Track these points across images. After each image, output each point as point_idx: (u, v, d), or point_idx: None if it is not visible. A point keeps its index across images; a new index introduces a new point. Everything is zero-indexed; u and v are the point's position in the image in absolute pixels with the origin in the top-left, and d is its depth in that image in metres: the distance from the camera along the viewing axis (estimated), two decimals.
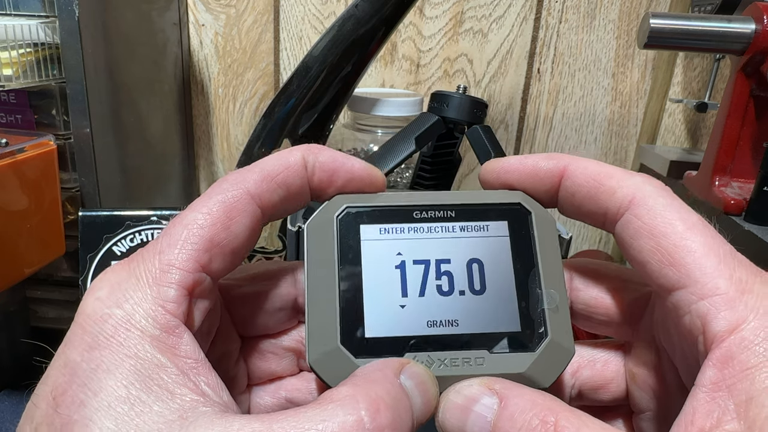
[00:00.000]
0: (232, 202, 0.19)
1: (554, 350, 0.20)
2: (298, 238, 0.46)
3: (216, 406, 0.16)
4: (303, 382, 0.24)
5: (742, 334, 0.16)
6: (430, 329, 0.20)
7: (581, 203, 0.21)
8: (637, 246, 0.19)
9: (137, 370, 0.16)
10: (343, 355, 0.19)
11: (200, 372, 0.17)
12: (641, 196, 0.19)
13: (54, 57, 0.48)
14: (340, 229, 0.21)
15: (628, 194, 0.19)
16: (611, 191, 0.20)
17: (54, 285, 0.55)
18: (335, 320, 0.20)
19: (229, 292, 0.22)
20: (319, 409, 0.16)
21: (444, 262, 0.21)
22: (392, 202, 0.22)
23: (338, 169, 0.21)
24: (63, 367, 0.16)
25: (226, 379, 0.22)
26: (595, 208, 0.20)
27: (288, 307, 0.23)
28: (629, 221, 0.19)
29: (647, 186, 0.19)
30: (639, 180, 0.20)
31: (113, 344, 0.16)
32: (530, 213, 0.22)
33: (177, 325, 0.17)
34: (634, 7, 0.65)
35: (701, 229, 0.18)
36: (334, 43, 0.49)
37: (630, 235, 0.19)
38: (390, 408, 0.16)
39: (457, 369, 0.20)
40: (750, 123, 0.50)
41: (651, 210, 0.19)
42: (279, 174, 0.20)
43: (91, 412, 0.15)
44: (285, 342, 0.24)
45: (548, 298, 0.21)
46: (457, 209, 0.22)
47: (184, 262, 0.18)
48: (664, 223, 0.19)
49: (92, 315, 0.17)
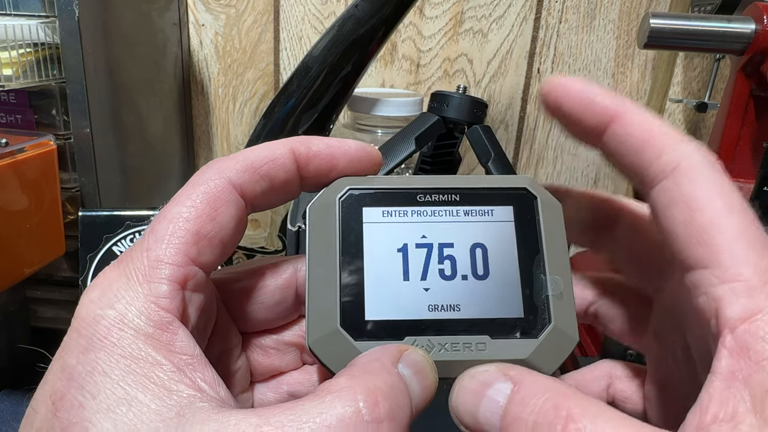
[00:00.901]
0: (215, 192, 0.19)
1: (557, 337, 0.20)
2: (298, 238, 0.46)
3: (213, 402, 0.16)
4: (305, 375, 0.24)
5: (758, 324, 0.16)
6: (432, 313, 0.20)
7: (625, 153, 0.20)
8: (670, 215, 0.18)
9: (132, 370, 0.16)
10: (342, 338, 0.19)
11: (196, 368, 0.17)
12: (686, 165, 0.18)
13: (54, 57, 0.48)
14: (343, 211, 0.21)
15: (673, 160, 0.18)
16: (658, 153, 0.19)
17: (54, 285, 0.55)
18: (335, 303, 0.20)
19: (227, 287, 0.22)
20: (316, 401, 0.15)
21: (447, 246, 0.21)
22: (396, 185, 0.21)
23: (335, 153, 0.21)
24: (60, 371, 0.16)
25: (227, 376, 0.22)
26: (636, 164, 0.19)
27: (289, 300, 0.23)
28: (668, 188, 0.18)
29: (695, 155, 0.18)
30: (689, 148, 0.19)
31: (107, 345, 0.16)
32: (536, 198, 0.21)
33: (171, 321, 0.17)
34: (634, 7, 0.65)
35: (739, 211, 0.18)
36: (334, 43, 0.49)
37: (666, 202, 0.19)
38: (388, 398, 0.16)
39: (458, 354, 0.19)
40: (750, 123, 0.50)
41: (693, 181, 0.18)
42: (263, 166, 0.20)
43: (90, 415, 0.15)
44: (287, 337, 0.23)
45: (552, 284, 0.20)
46: (462, 193, 0.21)
47: (173, 257, 0.18)
48: (703, 197, 0.18)
49: (86, 317, 0.17)
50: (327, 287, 0.20)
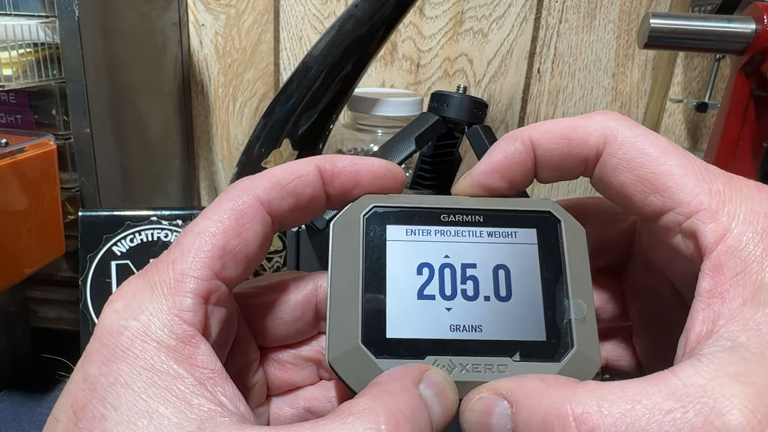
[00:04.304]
0: (242, 209, 0.19)
1: (580, 361, 0.20)
2: (298, 239, 0.46)
3: (233, 417, 0.16)
4: (322, 391, 0.24)
5: (728, 242, 0.17)
6: (453, 333, 0.20)
7: (560, 163, 0.21)
8: (617, 183, 0.20)
9: (154, 383, 0.16)
10: (363, 355, 0.19)
11: (217, 382, 0.17)
12: (611, 134, 0.20)
13: (54, 57, 0.48)
14: (367, 228, 0.21)
15: (600, 137, 0.20)
16: (583, 141, 0.20)
17: (54, 285, 0.55)
18: (357, 319, 0.20)
19: (248, 301, 0.22)
20: (338, 422, 0.15)
21: (470, 267, 0.21)
22: (420, 204, 0.21)
23: (359, 170, 0.21)
24: (82, 381, 0.17)
25: (245, 390, 0.22)
26: (574, 163, 0.21)
27: (309, 316, 0.23)
28: (605, 161, 0.20)
29: (611, 122, 0.20)
30: (602, 119, 0.20)
31: (130, 357, 0.16)
32: (560, 221, 0.21)
33: (193, 335, 0.17)
34: (634, 7, 0.65)
35: (673, 151, 0.19)
36: (334, 43, 0.49)
37: (608, 173, 0.20)
38: (409, 420, 0.16)
39: (479, 375, 0.19)
40: (750, 123, 0.50)
41: (623, 144, 0.20)
42: (290, 183, 0.20)
43: (111, 426, 0.15)
44: (305, 352, 0.23)
45: (576, 308, 0.20)
46: (486, 214, 0.21)
47: (198, 270, 0.18)
48: (638, 153, 0.19)
49: (109, 328, 0.17)
50: (348, 304, 0.20)
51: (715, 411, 0.14)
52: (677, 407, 0.14)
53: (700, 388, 0.15)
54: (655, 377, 0.15)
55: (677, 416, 0.14)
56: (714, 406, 0.14)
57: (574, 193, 0.73)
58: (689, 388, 0.15)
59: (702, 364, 0.15)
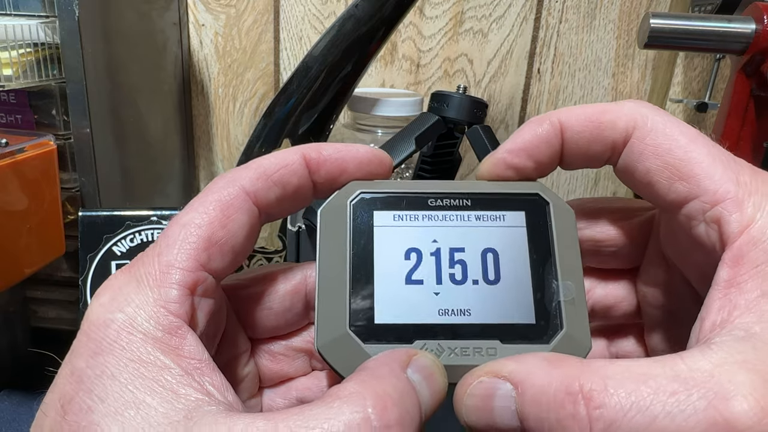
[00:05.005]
0: (228, 200, 0.19)
1: (569, 343, 0.20)
2: (298, 238, 0.46)
3: (221, 406, 0.16)
4: (314, 381, 0.24)
5: (751, 233, 0.17)
6: (442, 317, 0.20)
7: (587, 147, 0.21)
8: (643, 168, 0.20)
9: (141, 374, 0.16)
10: (351, 341, 0.19)
11: (204, 372, 0.17)
12: (641, 120, 0.20)
13: (54, 57, 0.48)
14: (354, 214, 0.21)
15: (630, 121, 0.20)
16: (612, 125, 0.20)
17: (54, 285, 0.55)
18: (345, 306, 0.20)
19: (236, 293, 0.22)
20: (325, 407, 0.15)
21: (458, 251, 0.21)
22: (407, 189, 0.21)
23: (344, 156, 0.21)
24: (69, 375, 0.17)
25: (236, 382, 0.22)
26: (602, 147, 0.21)
27: (298, 306, 0.23)
28: (632, 146, 0.20)
29: (642, 109, 0.20)
30: (633, 106, 0.20)
31: (116, 349, 0.16)
32: (548, 204, 0.21)
33: (180, 326, 0.17)
34: (634, 7, 0.65)
35: (702, 140, 0.19)
36: (334, 43, 0.49)
37: (634, 159, 0.20)
38: (397, 404, 0.16)
39: (468, 359, 0.19)
40: (750, 123, 0.50)
41: (652, 130, 0.19)
42: (275, 172, 0.20)
43: (98, 418, 0.15)
44: (296, 343, 0.23)
45: (565, 290, 0.20)
46: (474, 198, 0.21)
47: (184, 262, 0.18)
48: (667, 140, 0.19)
49: (95, 321, 0.17)
50: (336, 290, 0.20)
51: (720, 396, 0.14)
52: (681, 389, 0.14)
53: (706, 373, 0.15)
54: (662, 359, 0.15)
55: (681, 398, 0.14)
56: (719, 392, 0.14)
57: (575, 193, 0.73)
58: (695, 373, 0.15)
59: (711, 350, 0.15)
